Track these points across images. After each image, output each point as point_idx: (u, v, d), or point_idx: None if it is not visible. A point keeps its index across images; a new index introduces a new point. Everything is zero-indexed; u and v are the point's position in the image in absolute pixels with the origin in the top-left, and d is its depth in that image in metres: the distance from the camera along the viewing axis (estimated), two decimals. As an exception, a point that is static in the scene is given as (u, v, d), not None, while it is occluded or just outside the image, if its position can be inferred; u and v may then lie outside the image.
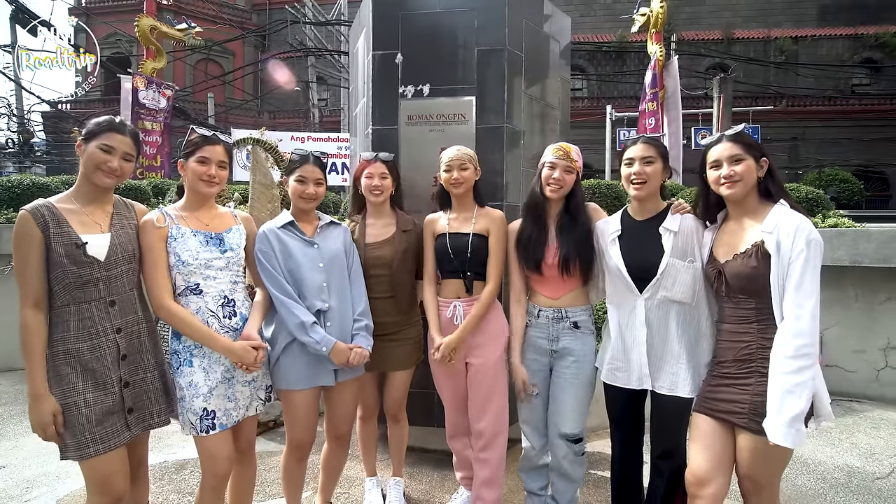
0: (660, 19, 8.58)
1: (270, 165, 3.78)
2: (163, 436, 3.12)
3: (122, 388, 1.75)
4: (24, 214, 1.66)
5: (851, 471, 3.07)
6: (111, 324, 1.74)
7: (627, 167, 2.01)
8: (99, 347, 1.71)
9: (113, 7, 23.50)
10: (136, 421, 1.79)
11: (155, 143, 8.78)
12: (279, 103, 22.79)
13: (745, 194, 1.74)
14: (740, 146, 1.75)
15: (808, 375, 1.53)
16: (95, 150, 1.72)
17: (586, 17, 22.76)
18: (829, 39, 21.83)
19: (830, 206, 4.93)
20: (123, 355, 1.76)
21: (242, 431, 2.03)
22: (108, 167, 1.73)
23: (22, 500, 2.68)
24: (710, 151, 1.80)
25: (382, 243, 2.37)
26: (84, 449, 1.66)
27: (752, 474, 1.69)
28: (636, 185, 1.98)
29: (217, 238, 1.92)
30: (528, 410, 2.26)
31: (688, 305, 1.91)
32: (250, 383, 1.97)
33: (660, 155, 2.00)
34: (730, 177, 1.73)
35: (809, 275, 1.56)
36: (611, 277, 2.07)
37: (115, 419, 1.72)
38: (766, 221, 1.67)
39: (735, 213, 1.80)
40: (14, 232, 1.67)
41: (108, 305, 1.74)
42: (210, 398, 1.86)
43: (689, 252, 1.91)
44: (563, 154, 2.14)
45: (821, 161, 18.18)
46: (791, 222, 1.62)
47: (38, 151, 19.67)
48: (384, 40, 3.00)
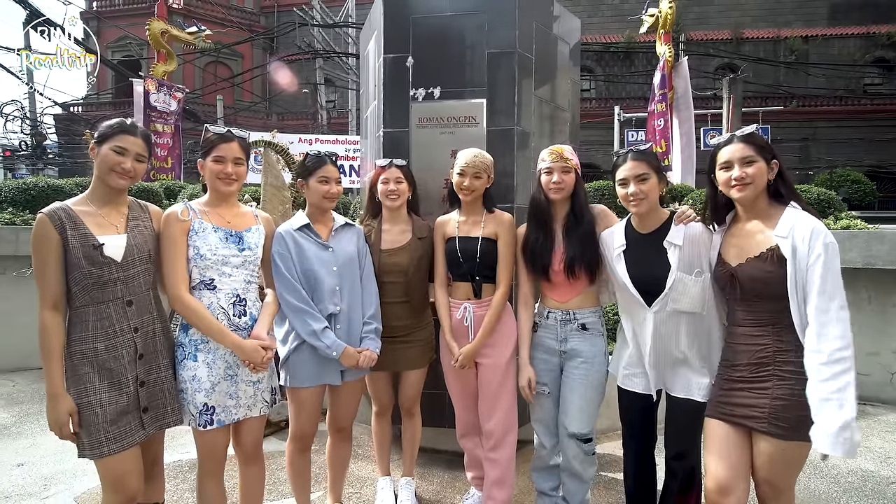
0: (668, 20, 8.53)
1: (282, 167, 3.81)
2: (176, 435, 3.15)
3: (137, 387, 1.77)
4: (42, 218, 1.69)
5: (865, 475, 3.05)
6: (129, 323, 1.77)
7: (622, 188, 1.97)
8: (117, 347, 1.74)
9: (124, 11, 23.78)
10: (151, 420, 1.81)
11: (166, 146, 8.86)
12: (287, 105, 22.91)
13: (756, 197, 1.72)
14: (752, 147, 1.72)
15: (844, 381, 1.48)
16: (109, 152, 1.75)
17: (594, 17, 22.68)
18: (840, 38, 21.61)
19: (842, 208, 4.88)
20: (140, 354, 1.78)
21: (247, 433, 2.02)
22: (121, 168, 1.75)
23: (40, 498, 2.72)
24: (721, 152, 1.77)
25: (398, 250, 2.40)
26: (99, 448, 1.68)
27: (772, 479, 1.67)
28: (634, 204, 1.96)
29: (237, 236, 1.95)
30: (540, 410, 2.27)
31: (698, 315, 1.89)
32: (254, 384, 1.97)
33: (653, 169, 1.95)
34: (741, 179, 1.70)
35: (831, 278, 1.54)
36: (619, 291, 2.08)
37: (130, 418, 1.75)
38: (780, 226, 1.65)
39: (745, 215, 1.78)
40: (32, 235, 1.70)
41: (125, 305, 1.76)
42: (212, 394, 1.88)
43: (696, 264, 1.88)
44: (556, 156, 2.15)
45: (832, 162, 17.99)
46: (806, 226, 1.60)
47: (51, 153, 19.93)
48: (395, 43, 3.02)
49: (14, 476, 2.94)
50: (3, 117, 16.49)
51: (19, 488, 2.81)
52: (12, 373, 4.79)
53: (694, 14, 22.09)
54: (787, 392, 1.61)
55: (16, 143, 18.62)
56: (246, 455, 2.06)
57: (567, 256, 2.11)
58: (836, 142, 19.42)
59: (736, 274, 1.72)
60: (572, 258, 2.10)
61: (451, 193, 2.42)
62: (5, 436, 3.47)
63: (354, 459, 2.92)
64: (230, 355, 1.91)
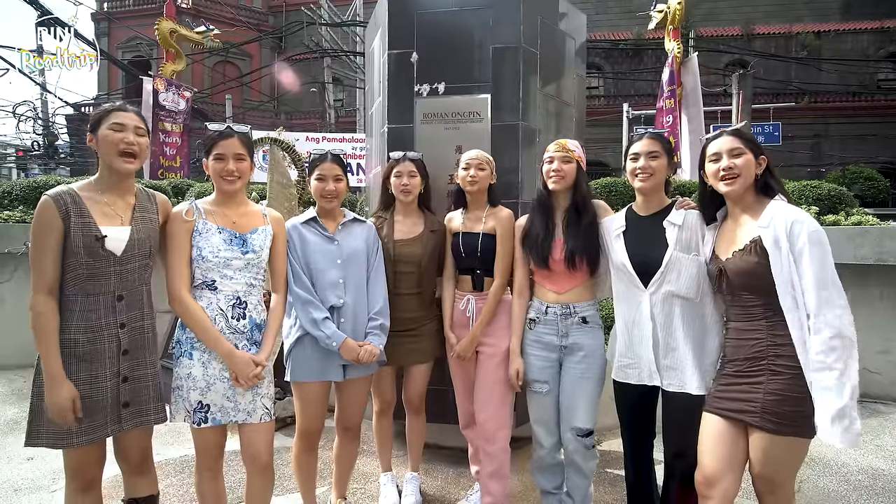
0: (677, 16, 8.46)
1: (288, 164, 3.83)
2: (183, 430, 3.17)
3: (119, 382, 1.76)
4: (47, 201, 1.66)
5: (876, 473, 3.01)
6: (115, 318, 1.75)
7: (633, 161, 2.04)
8: (100, 340, 1.72)
9: (134, 11, 24.00)
10: (131, 415, 1.79)
11: (175, 144, 8.92)
12: (295, 104, 23.01)
13: (744, 190, 1.74)
14: (740, 140, 1.76)
15: (840, 368, 1.51)
16: (107, 132, 1.74)
17: (602, 14, 22.55)
18: (853, 34, 21.30)
19: (854, 204, 4.81)
20: (125, 350, 1.77)
21: (249, 442, 1.98)
22: (124, 143, 1.73)
23: (49, 491, 2.76)
24: (710, 145, 1.83)
25: (412, 241, 2.43)
26: (68, 439, 1.69)
27: (767, 474, 1.67)
28: (641, 178, 2.02)
29: (241, 239, 1.94)
30: (540, 409, 2.26)
31: (692, 301, 1.91)
32: (253, 389, 1.93)
33: (664, 150, 2.03)
34: (729, 168, 1.73)
35: (818, 267, 1.55)
36: (616, 273, 2.09)
37: (105, 413, 1.74)
38: (763, 216, 1.68)
39: (734, 210, 1.81)
40: (35, 217, 1.67)
41: (115, 300, 1.75)
42: (207, 392, 1.87)
43: (692, 247, 1.93)
44: (559, 147, 2.21)
45: (845, 159, 17.74)
46: (787, 216, 1.62)
47: (62, 153, 20.18)
48: (400, 39, 3.02)
49: (24, 470, 2.98)
50: (17, 118, 16.70)
51: (29, 482, 2.85)
52: (22, 369, 4.85)
53: (704, 10, 21.88)
54: (780, 387, 1.61)
55: (28, 143, 18.87)
56: (252, 464, 2.00)
57: (567, 248, 2.14)
58: (849, 138, 19.17)
59: (724, 268, 1.75)
60: (573, 250, 2.13)
61: (457, 194, 2.50)
62: (16, 430, 3.52)
63: (359, 455, 2.92)
64: None
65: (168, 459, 3.10)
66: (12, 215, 5.05)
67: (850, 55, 19.99)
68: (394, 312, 2.35)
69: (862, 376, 4.73)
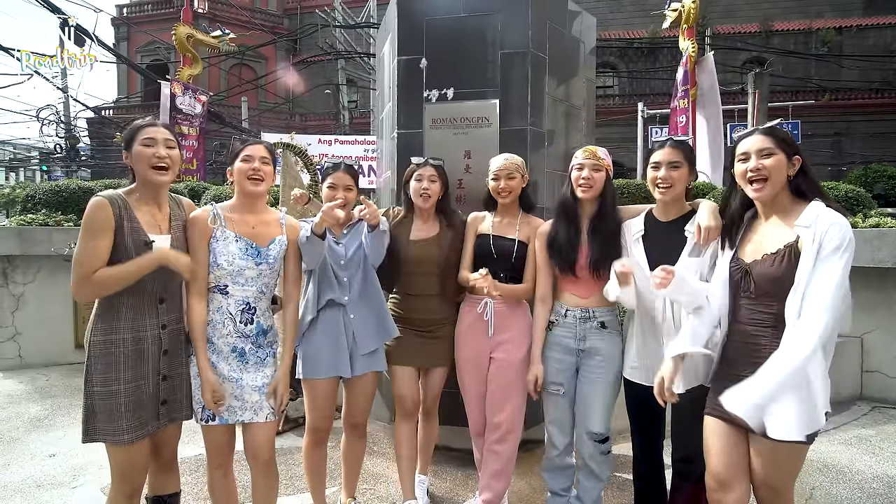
0: (692, 14, 8.37)
1: (300, 169, 3.88)
2: (197, 429, 3.22)
3: (160, 380, 1.85)
4: (102, 201, 1.73)
5: (892, 481, 2.95)
6: (157, 320, 1.85)
7: (654, 170, 2.03)
8: (144, 340, 1.81)
9: (152, 16, 24.45)
10: (167, 412, 1.89)
11: (191, 147, 9.08)
12: (310, 106, 23.22)
13: (774, 195, 1.67)
14: (772, 139, 1.66)
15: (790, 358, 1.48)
16: (140, 148, 1.82)
17: (616, 12, 22.36)
18: (875, 29, 20.80)
19: (872, 205, 4.72)
20: (165, 350, 1.86)
21: (251, 441, 2.03)
22: (156, 157, 1.81)
23: (70, 487, 2.84)
24: (740, 144, 1.75)
25: (429, 241, 2.46)
26: (119, 435, 1.75)
27: (769, 481, 1.66)
28: (661, 190, 2.01)
29: (256, 250, 1.99)
30: (555, 410, 2.29)
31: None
32: (258, 389, 1.99)
33: (686, 159, 2.01)
34: (757, 170, 1.65)
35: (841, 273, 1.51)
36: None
37: (149, 409, 1.83)
38: (804, 216, 1.61)
39: (765, 211, 1.74)
40: (90, 215, 1.73)
41: (157, 302, 1.85)
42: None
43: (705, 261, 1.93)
44: (589, 154, 2.20)
45: (866, 157, 17.33)
46: (829, 219, 1.56)
47: (84, 156, 20.62)
48: (409, 45, 3.05)
49: (46, 466, 3.08)
50: (40, 122, 17.12)
51: (51, 478, 2.94)
52: (45, 368, 5.00)
53: (721, 7, 21.56)
54: None
55: (51, 146, 19.32)
56: (254, 461, 2.06)
57: (592, 255, 2.15)
58: (871, 136, 18.72)
59: (750, 270, 1.69)
60: (597, 258, 2.13)
61: (488, 198, 2.48)
62: (38, 427, 3.63)
63: (368, 456, 2.96)
64: (233, 359, 1.97)
65: (183, 458, 3.15)
66: (35, 218, 5.20)
67: (872, 51, 19.51)
68: (410, 314, 2.39)
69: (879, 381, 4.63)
